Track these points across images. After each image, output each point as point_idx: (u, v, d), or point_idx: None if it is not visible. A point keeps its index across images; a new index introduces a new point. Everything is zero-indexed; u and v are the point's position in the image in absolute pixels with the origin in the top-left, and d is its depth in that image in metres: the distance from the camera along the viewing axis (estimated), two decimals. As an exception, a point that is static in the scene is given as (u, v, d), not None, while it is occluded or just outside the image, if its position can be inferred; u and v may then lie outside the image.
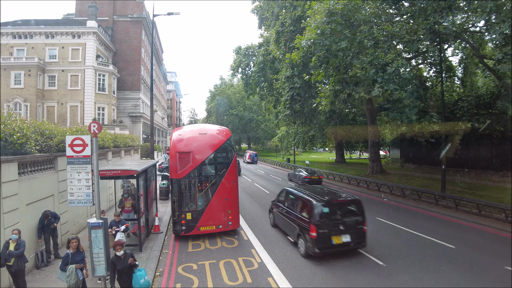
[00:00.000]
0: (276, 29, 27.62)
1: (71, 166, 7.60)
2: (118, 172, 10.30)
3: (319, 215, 9.87)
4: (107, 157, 17.86)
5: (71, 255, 7.06)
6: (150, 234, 12.51)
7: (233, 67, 42.90)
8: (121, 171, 10.38)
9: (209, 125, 17.33)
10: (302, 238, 10.39)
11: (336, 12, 16.80)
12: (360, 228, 10.20)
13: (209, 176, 12.44)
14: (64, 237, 10.86)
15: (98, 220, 7.39)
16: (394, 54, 16.67)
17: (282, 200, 12.84)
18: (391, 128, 31.64)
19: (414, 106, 18.35)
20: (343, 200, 10.69)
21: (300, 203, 11.10)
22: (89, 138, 7.69)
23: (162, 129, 68.89)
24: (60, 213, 10.70)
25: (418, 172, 30.42)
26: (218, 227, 12.09)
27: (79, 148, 7.55)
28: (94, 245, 7.26)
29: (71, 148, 7.53)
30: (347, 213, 10.43)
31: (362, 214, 10.42)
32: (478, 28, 18.73)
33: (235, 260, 9.94)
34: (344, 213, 10.39)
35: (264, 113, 67.74)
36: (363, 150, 58.29)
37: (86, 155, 7.63)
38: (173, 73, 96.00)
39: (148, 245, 11.32)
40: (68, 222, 11.59)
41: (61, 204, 10.93)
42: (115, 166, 11.60)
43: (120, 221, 9.21)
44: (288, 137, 45.66)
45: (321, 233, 9.65)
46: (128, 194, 11.90)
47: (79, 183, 7.65)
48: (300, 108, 29.49)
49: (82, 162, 7.63)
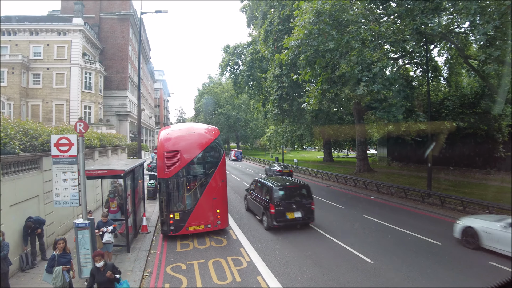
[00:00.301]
0: (265, 28, 27.63)
1: (56, 166, 7.49)
2: (105, 172, 10.16)
3: (276, 196, 12.94)
4: (94, 156, 17.62)
5: (57, 257, 6.92)
6: (138, 234, 12.39)
7: (221, 66, 42.77)
8: (108, 170, 10.24)
9: (197, 124, 17.29)
10: (265, 215, 13.33)
11: (324, 12, 16.88)
12: (309, 206, 13.18)
13: (197, 175, 12.38)
14: (50, 238, 10.67)
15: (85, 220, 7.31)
16: (380, 53, 16.83)
17: (253, 188, 15.64)
18: (378, 127, 32.01)
19: (401, 106, 18.58)
20: (295, 186, 13.93)
21: (265, 189, 13.97)
22: (75, 137, 7.58)
23: (150, 128, 68.27)
24: (45, 214, 10.51)
25: (404, 170, 30.89)
26: (207, 226, 12.05)
27: (65, 148, 7.44)
28: (81, 246, 7.17)
29: (57, 148, 7.41)
30: (298, 195, 13.43)
31: (311, 196, 13.43)
32: (463, 29, 19.07)
33: (224, 260, 9.93)
34: (296, 195, 13.41)
35: (252, 112, 67.75)
36: (350, 149, 58.85)
37: (72, 155, 7.52)
38: (160, 71, 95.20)
39: (136, 245, 11.21)
40: (54, 223, 11.39)
41: (46, 205, 10.73)
42: (102, 166, 11.44)
43: (108, 222, 9.08)
44: (277, 136, 45.78)
45: (278, 210, 12.68)
46: (114, 194, 11.75)
47: (65, 183, 7.54)
48: (289, 107, 29.63)
49: (68, 162, 7.52)
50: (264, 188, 14.07)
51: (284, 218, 12.62)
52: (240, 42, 42.12)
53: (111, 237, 8.87)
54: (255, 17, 34.49)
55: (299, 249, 10.82)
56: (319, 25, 16.88)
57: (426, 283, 8.21)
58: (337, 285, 8.20)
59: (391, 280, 8.40)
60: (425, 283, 8.21)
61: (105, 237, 8.74)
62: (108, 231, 8.77)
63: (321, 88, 19.18)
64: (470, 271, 8.98)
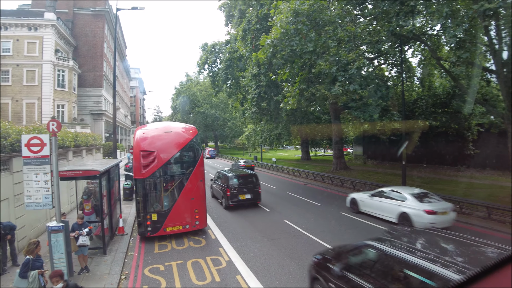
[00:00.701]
0: (243, 26, 27.58)
1: (28, 167, 7.23)
2: (79, 173, 9.89)
3: (231, 183, 16.84)
4: (68, 157, 17.13)
5: (31, 261, 6.67)
6: (115, 236, 12.14)
7: (199, 64, 42.33)
8: (83, 171, 9.97)
9: (174, 123, 17.07)
10: (224, 197, 17.13)
11: (301, 13, 17.03)
12: (256, 190, 17.04)
13: (174, 175, 12.23)
14: (21, 242, 10.27)
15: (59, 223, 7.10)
16: (356, 54, 17.15)
17: (216, 178, 19.12)
18: (354, 126, 32.67)
19: (377, 105, 19.01)
20: (246, 175, 17.45)
21: (224, 178, 17.56)
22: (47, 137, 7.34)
23: (125, 127, 66.92)
24: (16, 217, 10.13)
25: (380, 168, 31.65)
26: (185, 227, 11.94)
27: (37, 148, 7.20)
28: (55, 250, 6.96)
29: (28, 148, 7.16)
30: (248, 182, 17.07)
31: (258, 183, 17.27)
32: (436, 32, 19.70)
33: (203, 260, 9.88)
34: (247, 182, 17.05)
35: (231, 111, 67.43)
36: (327, 148, 59.72)
37: (45, 155, 7.29)
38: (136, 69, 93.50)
39: (113, 247, 10.98)
40: (26, 226, 10.99)
41: (17, 208, 10.33)
42: (76, 166, 11.14)
43: (83, 224, 8.85)
44: (255, 135, 45.85)
45: (232, 193, 16.56)
46: (88, 196, 11.46)
47: (37, 185, 7.30)
48: (267, 106, 29.78)
49: (40, 163, 7.28)
50: (223, 177, 17.72)
51: (238, 199, 16.58)
52: (218, 41, 41.76)
53: (86, 240, 8.64)
54: (233, 15, 34.37)
55: (278, 247, 10.89)
56: (296, 25, 17.02)
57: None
58: (316, 282, 8.31)
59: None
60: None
61: (79, 240, 8.50)
62: (83, 234, 8.55)
63: (299, 88, 19.36)
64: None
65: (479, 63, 16.98)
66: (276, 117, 32.72)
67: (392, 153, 30.10)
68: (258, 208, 16.97)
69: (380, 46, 17.79)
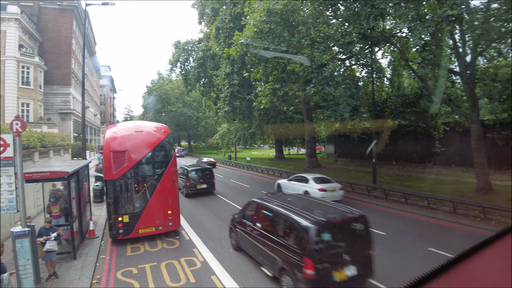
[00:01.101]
0: (216, 25, 27.48)
1: (-11, 169, 6.88)
2: (46, 175, 9.50)
3: (190, 175, 20.07)
4: (33, 158, 16.43)
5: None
6: (85, 240, 11.76)
7: (171, 62, 41.73)
8: (50, 173, 9.59)
9: (145, 122, 16.75)
10: (184, 189, 20.19)
11: (275, 12, 17.13)
12: (211, 181, 20.66)
13: (146, 176, 11.99)
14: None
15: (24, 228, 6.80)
16: (330, 55, 17.45)
17: (180, 172, 20.82)
18: (326, 125, 33.31)
19: (348, 105, 19.45)
20: (203, 169, 20.72)
21: (185, 171, 20.53)
22: (11, 137, 7.01)
23: (95, 126, 64.87)
24: (-24, 221, 9.61)
25: (351, 165, 32.38)
26: (158, 228, 11.73)
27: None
28: (20, 256, 6.66)
29: (-10, 150, 6.81)
30: (206, 175, 20.33)
31: (213, 175, 20.64)
32: (405, 34, 20.38)
33: (177, 261, 9.75)
34: (204, 175, 20.44)
35: (204, 110, 66.79)
36: (300, 146, 60.52)
37: (8, 157, 6.96)
38: (107, 67, 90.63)
39: (83, 251, 10.63)
40: (-13, 231, 10.45)
41: (-22, 211, 9.80)
42: (43, 168, 10.71)
43: (51, 228, 8.49)
44: (229, 134, 45.74)
45: (191, 183, 19.88)
46: (56, 199, 11.04)
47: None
48: (240, 105, 29.85)
49: (3, 165, 6.95)
50: (185, 171, 20.69)
51: (196, 188, 19.87)
52: (192, 38, 41.31)
53: (53, 245, 8.29)
54: (206, 13, 34.14)
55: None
56: (270, 25, 17.11)
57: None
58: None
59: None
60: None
61: (46, 245, 8.14)
62: (51, 239, 8.21)
63: (273, 87, 19.50)
64: (412, 256, 9.64)
65: (444, 65, 17.72)
66: (249, 116, 32.85)
67: (363, 151, 30.89)
68: (233, 207, 16.94)
69: (352, 47, 18.19)
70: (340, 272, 6.93)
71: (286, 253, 7.41)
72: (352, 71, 28.67)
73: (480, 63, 17.85)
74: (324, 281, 6.74)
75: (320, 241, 6.83)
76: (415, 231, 12.41)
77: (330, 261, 6.87)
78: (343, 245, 7.26)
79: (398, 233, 12.17)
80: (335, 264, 6.92)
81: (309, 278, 6.64)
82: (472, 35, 14.40)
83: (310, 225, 6.90)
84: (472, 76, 16.06)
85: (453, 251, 9.60)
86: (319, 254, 6.73)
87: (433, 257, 9.60)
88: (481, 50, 15.51)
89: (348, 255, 7.08)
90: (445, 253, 9.75)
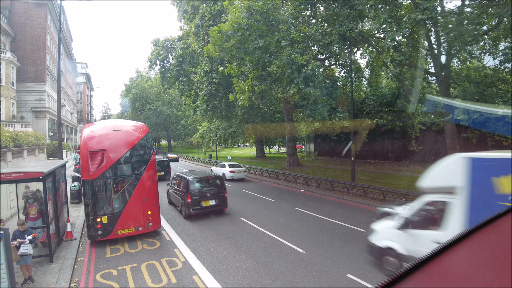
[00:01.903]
0: (196, 22, 27.23)
1: (-41, 170, 6.60)
2: (20, 175, 9.18)
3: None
4: (6, 158, 15.87)
5: None
6: (62, 242, 11.43)
7: (150, 59, 40.98)
8: (24, 173, 9.27)
9: (124, 120, 16.42)
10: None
11: (255, 10, 17.11)
12: (168, 170, 27.32)
13: (125, 175, 11.76)
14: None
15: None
16: (310, 56, 17.62)
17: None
18: (306, 124, 33.66)
19: (326, 104, 19.74)
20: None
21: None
22: (-18, 138, 6.75)
23: (72, 125, 63.08)
24: None
25: (331, 164, 32.86)
26: (138, 229, 11.55)
27: (-30, 150, 6.59)
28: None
29: (-41, 150, 6.53)
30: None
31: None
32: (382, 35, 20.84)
33: (158, 262, 9.64)
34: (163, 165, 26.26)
35: (184, 109, 66.05)
36: (281, 145, 60.84)
37: (-21, 158, 6.70)
38: (84, 64, 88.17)
39: (61, 254, 10.34)
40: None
41: None
42: (17, 168, 10.36)
43: (26, 231, 8.20)
44: (210, 133, 45.48)
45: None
46: (34, 200, 10.70)
47: (-30, 189, 6.69)
48: (219, 104, 29.74)
49: (-26, 166, 6.68)
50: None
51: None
52: (171, 36, 40.67)
53: (29, 248, 8.00)
54: (186, 11, 33.73)
55: (234, 245, 10.93)
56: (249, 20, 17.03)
57: (355, 268, 8.87)
58: (273, 276, 8.48)
59: (322, 268, 8.92)
60: (354, 267, 8.87)
61: (21, 249, 7.84)
62: (25, 242, 7.93)
63: (251, 84, 19.48)
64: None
65: (421, 66, 18.23)
66: (228, 115, 32.80)
67: (342, 150, 31.42)
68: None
69: (331, 47, 18.42)
70: (206, 202, 14.50)
71: (182, 195, 14.82)
72: (331, 71, 29.06)
73: (454, 65, 18.45)
74: (196, 205, 14.28)
75: (194, 186, 14.53)
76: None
77: (200, 196, 14.45)
78: (208, 189, 14.87)
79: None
80: (203, 198, 14.48)
81: (188, 203, 14.17)
82: (447, 38, 14.88)
83: (190, 178, 14.70)
84: (447, 77, 16.58)
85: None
86: (193, 192, 14.33)
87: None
88: (455, 52, 16.04)
89: (211, 194, 14.74)
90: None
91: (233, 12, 17.68)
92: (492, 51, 16.33)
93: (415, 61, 17.60)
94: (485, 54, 16.89)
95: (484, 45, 16.58)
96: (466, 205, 6.70)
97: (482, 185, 6.45)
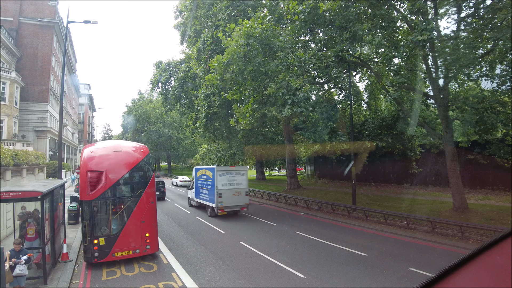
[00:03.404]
0: (198, 46, 27.73)
1: (-43, 191, 6.57)
2: (18, 194, 9.13)
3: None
4: (5, 176, 15.82)
5: None
6: (58, 263, 11.24)
7: (152, 81, 41.47)
8: (22, 192, 9.23)
9: (124, 141, 16.50)
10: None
11: (254, 37, 17.41)
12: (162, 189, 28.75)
13: (124, 197, 11.70)
14: None
15: (-8, 252, 6.48)
16: (304, 79, 17.79)
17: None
18: (306, 146, 33.70)
19: (326, 127, 19.81)
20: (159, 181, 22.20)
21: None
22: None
23: (72, 145, 63.21)
24: None
25: (331, 186, 32.66)
26: (135, 252, 11.38)
27: (-31, 171, 6.59)
28: (-14, 282, 6.31)
29: (-41, 171, 6.54)
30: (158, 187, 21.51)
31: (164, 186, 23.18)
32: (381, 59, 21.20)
33: (155, 286, 9.43)
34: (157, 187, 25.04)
35: (185, 130, 66.25)
36: (281, 167, 60.64)
37: (-22, 179, 6.69)
38: (86, 85, 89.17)
39: (55, 276, 10.14)
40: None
41: None
42: (15, 187, 10.33)
43: (22, 251, 8.09)
44: (210, 155, 45.49)
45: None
46: (33, 219, 10.61)
47: (-33, 210, 6.64)
48: (219, 126, 29.97)
49: (-27, 187, 6.67)
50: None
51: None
52: (173, 59, 41.37)
53: (23, 269, 7.89)
54: (189, 35, 34.43)
55: (234, 270, 10.72)
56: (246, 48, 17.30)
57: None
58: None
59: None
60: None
61: (16, 269, 7.74)
62: (21, 262, 7.82)
63: (252, 109, 19.66)
64: (392, 277, 9.68)
65: (419, 89, 18.41)
66: (228, 137, 32.97)
67: (342, 172, 31.33)
68: (213, 230, 16.71)
69: (329, 70, 18.65)
70: None
71: None
72: (330, 94, 29.37)
73: (452, 87, 18.64)
74: None
75: None
76: (395, 251, 12.52)
77: None
78: None
79: (379, 253, 12.24)
80: None
81: None
82: (444, 61, 15.09)
83: None
84: (445, 99, 16.72)
85: (433, 270, 9.71)
86: None
87: (413, 277, 9.68)
88: (452, 75, 16.24)
89: None
90: (425, 272, 9.86)
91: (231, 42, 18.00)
92: (489, 74, 16.53)
93: (413, 84, 17.79)
94: (482, 77, 17.09)
95: (481, 68, 16.80)
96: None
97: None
